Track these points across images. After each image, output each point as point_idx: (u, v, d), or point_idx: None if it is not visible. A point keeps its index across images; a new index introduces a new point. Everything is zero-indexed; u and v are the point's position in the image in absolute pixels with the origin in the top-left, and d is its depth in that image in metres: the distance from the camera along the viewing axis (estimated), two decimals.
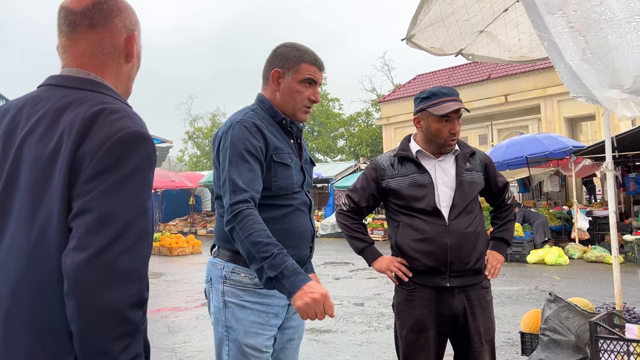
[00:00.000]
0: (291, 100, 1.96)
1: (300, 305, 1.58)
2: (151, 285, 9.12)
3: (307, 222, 2.01)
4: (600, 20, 1.64)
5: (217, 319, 1.91)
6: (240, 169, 1.78)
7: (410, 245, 2.34)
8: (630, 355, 2.18)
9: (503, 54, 4.11)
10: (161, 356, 4.84)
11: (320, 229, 19.35)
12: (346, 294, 7.85)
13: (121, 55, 1.25)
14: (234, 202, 1.73)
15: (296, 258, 1.91)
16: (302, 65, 1.94)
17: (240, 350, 1.84)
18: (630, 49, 1.76)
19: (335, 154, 39.07)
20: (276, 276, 1.61)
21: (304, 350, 4.88)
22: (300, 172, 2.00)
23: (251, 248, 1.66)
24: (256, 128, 1.86)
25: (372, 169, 2.52)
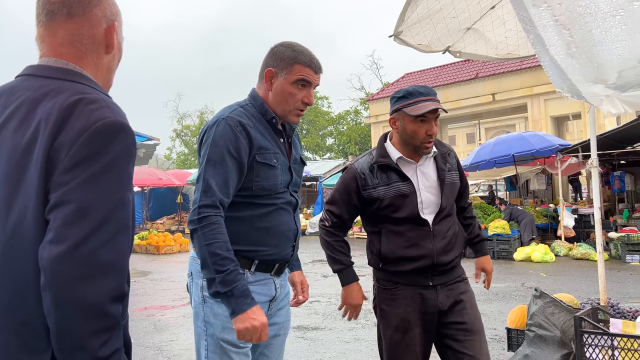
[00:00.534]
0: (283, 102, 1.91)
1: (240, 328, 1.68)
2: (138, 284, 9.06)
3: (291, 222, 1.98)
4: (584, 14, 1.64)
5: (196, 313, 1.91)
6: (217, 169, 1.78)
7: (396, 253, 2.27)
8: (615, 350, 2.20)
9: (490, 52, 4.13)
10: (147, 354, 4.80)
11: (309, 227, 19.32)
12: (334, 291, 7.85)
13: (101, 45, 1.21)
14: (202, 204, 1.74)
15: (277, 257, 1.93)
16: (296, 66, 1.88)
17: (217, 345, 1.84)
18: (615, 43, 1.76)
19: (324, 152, 39.07)
20: (225, 293, 1.68)
21: (291, 347, 4.87)
22: (287, 172, 1.97)
23: (208, 257, 1.69)
24: (241, 127, 1.83)
25: (351, 179, 2.34)
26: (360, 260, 3.72)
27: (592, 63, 1.95)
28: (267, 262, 1.92)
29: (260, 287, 1.91)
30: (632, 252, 10.23)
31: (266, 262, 1.91)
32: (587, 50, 1.84)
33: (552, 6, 1.61)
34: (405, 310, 2.27)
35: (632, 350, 2.16)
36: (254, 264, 1.89)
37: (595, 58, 1.90)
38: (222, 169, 1.78)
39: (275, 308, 2.02)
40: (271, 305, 1.99)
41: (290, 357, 4.59)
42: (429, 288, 2.28)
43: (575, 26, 1.71)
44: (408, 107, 2.23)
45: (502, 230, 11.34)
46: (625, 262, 10.11)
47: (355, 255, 3.13)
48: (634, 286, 7.64)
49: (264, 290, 1.93)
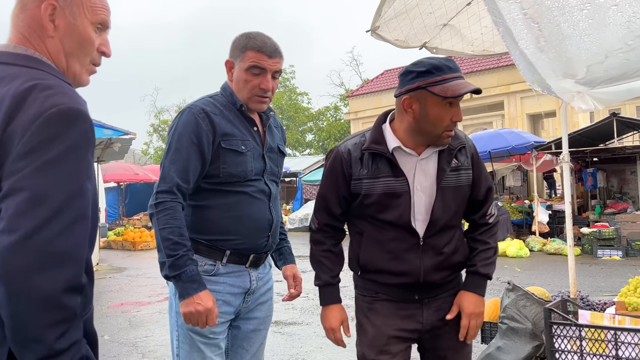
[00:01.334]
0: (241, 90, 1.91)
1: (184, 311, 1.72)
2: (113, 280, 8.94)
3: (264, 211, 1.94)
4: (553, 8, 1.67)
5: (170, 304, 1.93)
6: (176, 156, 1.80)
7: (376, 265, 1.87)
8: (583, 340, 2.25)
9: (466, 48, 4.17)
10: (121, 351, 4.74)
11: (288, 223, 19.31)
12: (312, 286, 7.84)
13: (43, 28, 1.14)
14: (160, 190, 1.78)
15: (249, 247, 1.91)
16: (247, 52, 1.87)
17: (187, 335, 1.85)
18: (582, 37, 1.80)
19: (303, 148, 39.04)
20: (174, 276, 1.72)
21: (267, 342, 4.84)
22: (260, 160, 1.94)
23: (161, 241, 1.73)
24: (204, 114, 1.84)
25: (336, 163, 1.88)
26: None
27: (561, 57, 1.98)
28: (240, 253, 1.90)
29: (233, 279, 1.90)
30: (603, 247, 10.48)
31: (239, 252, 1.90)
32: (556, 45, 1.87)
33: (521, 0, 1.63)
34: (383, 323, 1.88)
35: (599, 340, 2.21)
36: (226, 254, 1.88)
37: (564, 52, 1.93)
38: (181, 156, 1.79)
39: (255, 302, 2.01)
40: (247, 298, 1.97)
41: (266, 352, 4.58)
42: (413, 302, 1.89)
43: (543, 20, 1.74)
44: (436, 85, 1.71)
45: None
46: (597, 257, 10.35)
47: None
48: (604, 280, 7.84)
49: (236, 282, 1.91)
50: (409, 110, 1.78)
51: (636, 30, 1.72)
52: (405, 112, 1.79)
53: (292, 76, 41.34)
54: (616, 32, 1.76)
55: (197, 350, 1.85)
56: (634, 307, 3.06)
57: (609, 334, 2.18)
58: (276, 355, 4.47)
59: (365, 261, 1.90)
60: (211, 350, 1.87)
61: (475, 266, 1.91)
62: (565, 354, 2.30)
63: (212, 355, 1.87)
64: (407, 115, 1.79)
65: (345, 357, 4.34)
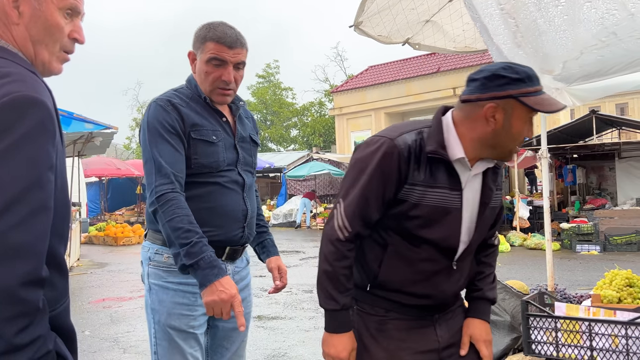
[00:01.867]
0: (203, 82, 1.87)
1: (208, 300, 1.63)
2: (95, 275, 8.85)
3: (239, 201, 1.91)
4: (529, 3, 1.70)
5: (146, 301, 1.88)
6: (162, 148, 1.76)
7: (398, 284, 1.61)
8: (558, 332, 2.30)
9: (448, 44, 4.21)
10: (102, 346, 4.71)
11: (272, 219, 19.29)
12: (296, 281, 7.88)
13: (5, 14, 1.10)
14: (158, 183, 1.73)
15: (223, 238, 1.86)
16: (207, 44, 1.82)
17: (164, 332, 1.80)
18: (558, 33, 1.82)
19: (288, 144, 38.98)
20: (191, 265, 1.63)
21: (250, 337, 4.84)
22: (232, 150, 1.91)
23: (171, 233, 1.67)
24: (171, 105, 1.82)
25: (391, 158, 1.53)
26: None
27: (537, 53, 2.01)
28: (215, 245, 1.81)
29: None
30: (582, 242, 10.69)
31: (214, 244, 1.80)
32: (533, 40, 1.90)
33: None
34: (398, 348, 1.62)
35: (574, 331, 2.26)
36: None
37: (541, 48, 1.96)
38: (166, 147, 1.76)
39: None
40: None
41: (248, 346, 4.59)
42: (426, 318, 1.67)
43: (520, 15, 1.76)
44: (529, 96, 1.49)
45: None
46: (576, 251, 10.55)
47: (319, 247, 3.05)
48: (582, 274, 7.99)
49: None
50: (491, 120, 1.53)
51: (610, 27, 1.76)
52: (485, 121, 1.54)
53: (276, 71, 41.22)
54: (590, 28, 1.79)
55: (176, 347, 1.80)
56: (609, 299, 3.13)
57: (584, 325, 2.24)
58: (259, 350, 4.48)
59: (385, 279, 1.62)
60: (190, 345, 1.82)
61: (481, 291, 1.76)
62: (541, 345, 2.35)
63: (192, 350, 1.82)
64: (487, 124, 1.54)
65: None
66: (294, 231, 17.27)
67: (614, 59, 2.05)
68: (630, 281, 3.27)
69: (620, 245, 10.35)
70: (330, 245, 1.57)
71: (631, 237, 10.38)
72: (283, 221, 19.02)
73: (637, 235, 10.37)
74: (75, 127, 8.75)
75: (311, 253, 11.18)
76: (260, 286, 7.55)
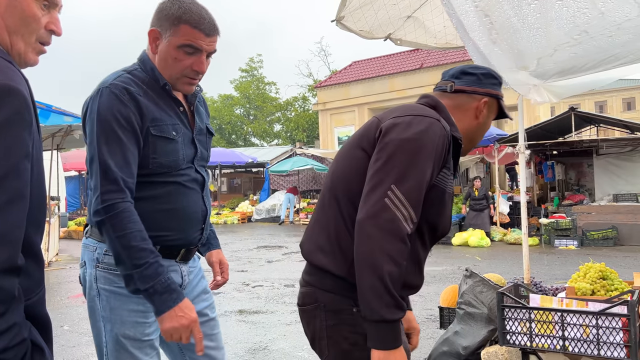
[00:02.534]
0: (168, 68, 1.65)
1: (167, 327, 1.50)
2: (74, 270, 8.75)
3: (198, 202, 1.75)
4: (503, 2, 1.73)
5: (91, 308, 1.67)
6: (112, 147, 1.53)
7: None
8: (532, 322, 2.35)
9: (429, 40, 4.24)
10: (81, 341, 4.67)
11: (255, 214, 19.26)
12: (278, 275, 7.90)
13: None
14: (105, 190, 1.51)
15: (183, 242, 1.73)
16: (182, 27, 1.59)
17: (117, 342, 1.62)
18: (532, 30, 1.86)
19: (271, 139, 38.88)
20: (146, 289, 1.48)
21: (231, 330, 4.88)
22: (191, 145, 1.73)
23: (122, 251, 1.49)
24: (129, 95, 1.57)
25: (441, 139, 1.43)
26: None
27: (512, 50, 2.05)
28: (171, 248, 1.71)
29: None
30: (560, 237, 10.89)
31: (169, 248, 1.70)
32: (508, 37, 1.93)
33: None
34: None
35: (547, 322, 2.31)
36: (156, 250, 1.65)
37: (516, 44, 2.00)
38: (117, 146, 1.54)
39: (190, 295, 1.81)
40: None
41: (230, 339, 4.60)
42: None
43: (495, 13, 1.79)
44: (502, 100, 1.65)
45: None
46: (554, 246, 10.74)
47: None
48: (560, 268, 8.14)
49: None
50: (480, 114, 1.60)
51: (581, 25, 1.80)
52: (474, 113, 1.60)
53: (260, 65, 41.02)
54: (563, 26, 1.83)
55: (130, 356, 1.63)
56: (583, 292, 3.21)
57: (556, 315, 2.29)
58: (240, 344, 4.49)
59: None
60: (146, 353, 1.66)
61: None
62: (515, 335, 2.40)
63: (148, 358, 1.67)
64: (475, 117, 1.60)
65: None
66: (277, 226, 17.28)
67: (587, 56, 2.10)
68: (603, 274, 3.36)
69: (597, 240, 10.57)
70: (398, 242, 1.33)
71: (607, 232, 10.60)
72: (266, 216, 19.00)
73: (613, 230, 10.60)
74: (54, 120, 8.62)
75: (294, 248, 11.20)
76: (242, 281, 7.55)
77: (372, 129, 1.49)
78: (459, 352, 3.40)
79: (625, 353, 2.14)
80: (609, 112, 49.56)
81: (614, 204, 11.42)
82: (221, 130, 38.09)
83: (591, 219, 11.05)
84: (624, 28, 1.76)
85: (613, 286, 3.27)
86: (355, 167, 1.47)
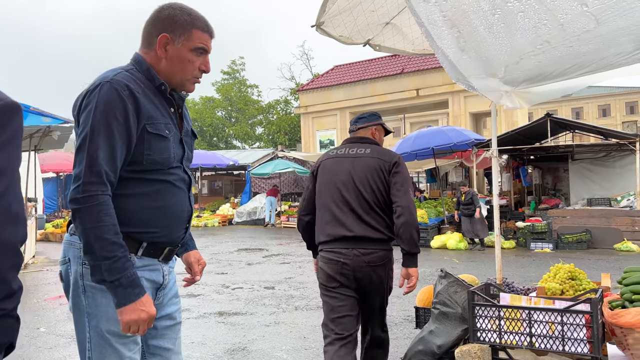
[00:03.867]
0: (180, 70, 1.76)
1: (127, 319, 1.57)
2: (52, 273, 8.65)
3: (185, 201, 1.82)
4: (469, 12, 1.81)
5: (75, 304, 1.70)
6: (103, 140, 1.59)
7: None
8: (501, 320, 2.44)
9: (407, 46, 4.34)
10: (59, 342, 4.64)
11: (236, 217, 19.19)
12: (258, 278, 7.92)
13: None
14: (88, 181, 1.57)
15: (167, 240, 1.78)
16: (194, 32, 1.74)
17: (101, 337, 1.67)
18: (498, 40, 1.95)
19: (253, 141, 38.78)
20: (112, 282, 1.55)
21: (210, 332, 4.89)
22: (180, 145, 1.81)
23: (94, 242, 1.55)
24: (129, 91, 1.64)
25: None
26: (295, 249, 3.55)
27: (480, 57, 2.13)
28: (156, 246, 1.76)
29: (149, 272, 1.75)
30: (536, 240, 11.11)
31: (155, 245, 1.76)
32: (475, 46, 2.02)
33: (439, 2, 1.75)
34: None
35: (515, 319, 2.41)
36: (142, 247, 1.72)
37: (483, 52, 2.08)
38: (108, 140, 1.60)
39: (166, 297, 1.86)
40: (159, 294, 1.82)
41: (209, 340, 4.61)
42: None
43: (462, 22, 1.87)
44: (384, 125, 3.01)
45: (421, 219, 11.88)
46: (530, 249, 10.97)
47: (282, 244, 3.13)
48: (535, 270, 8.32)
49: (152, 276, 1.77)
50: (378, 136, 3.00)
51: (543, 35, 1.89)
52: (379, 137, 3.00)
53: (242, 68, 40.92)
54: (526, 36, 1.92)
55: (114, 352, 1.67)
56: (553, 291, 3.32)
57: (524, 313, 2.38)
58: (219, 344, 4.51)
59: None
60: (129, 348, 1.70)
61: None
62: (486, 332, 2.48)
63: (131, 354, 1.71)
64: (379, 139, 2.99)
65: (287, 344, 4.44)
66: (258, 229, 17.26)
67: (552, 65, 2.20)
68: (572, 274, 3.48)
69: (572, 243, 10.82)
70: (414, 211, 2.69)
71: (581, 235, 10.85)
72: (247, 219, 18.96)
73: (586, 233, 10.86)
74: (31, 121, 8.50)
75: (274, 251, 11.22)
76: (221, 283, 7.55)
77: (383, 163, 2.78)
78: (434, 350, 3.48)
79: (589, 348, 2.24)
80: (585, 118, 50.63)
81: (588, 208, 11.70)
82: (202, 132, 37.87)
83: (566, 223, 11.29)
84: (583, 39, 1.86)
85: (581, 286, 3.39)
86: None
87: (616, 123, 49.01)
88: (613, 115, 52.30)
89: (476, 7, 1.75)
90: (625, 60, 2.23)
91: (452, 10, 1.77)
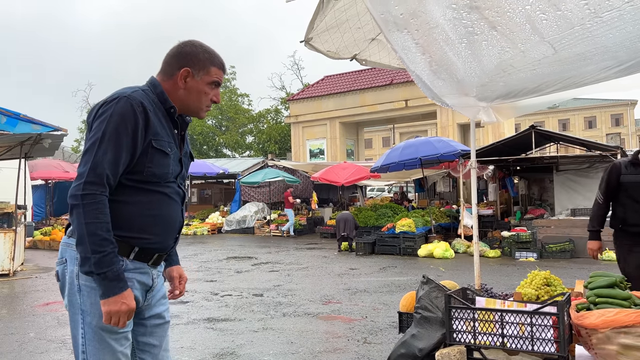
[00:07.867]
0: (196, 100, 2.00)
1: (109, 310, 1.72)
2: (40, 280, 8.68)
3: (178, 213, 2.00)
4: (439, 40, 1.97)
5: (71, 302, 1.85)
6: (110, 147, 1.77)
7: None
8: (476, 322, 2.59)
9: (392, 61, 4.51)
10: (50, 347, 4.71)
11: (225, 225, 19.22)
12: (246, 285, 8.01)
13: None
14: (89, 181, 1.74)
15: (159, 246, 1.94)
16: (212, 69, 1.99)
17: (95, 333, 1.81)
18: (467, 64, 2.11)
19: (243, 150, 38.86)
20: (99, 274, 1.70)
21: (199, 337, 4.99)
22: (178, 164, 2.00)
23: (87, 236, 1.70)
24: (142, 108, 1.83)
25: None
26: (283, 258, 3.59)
27: (452, 79, 2.30)
28: (147, 251, 1.91)
29: (139, 275, 1.90)
30: (520, 250, 11.31)
31: (146, 250, 1.90)
32: (447, 69, 2.18)
33: (412, 31, 1.91)
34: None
35: (488, 321, 2.56)
36: (134, 251, 1.87)
37: (455, 75, 2.24)
38: (115, 147, 1.77)
39: (154, 298, 2.01)
40: (148, 296, 1.97)
41: (197, 345, 4.71)
42: None
43: (433, 49, 2.03)
44: None
45: (408, 228, 12.06)
46: (515, 258, 11.15)
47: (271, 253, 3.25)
48: (518, 279, 8.48)
49: (142, 278, 1.91)
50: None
51: (507, 60, 2.05)
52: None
53: (232, 77, 41.09)
54: (492, 61, 2.08)
55: (107, 347, 1.81)
56: (529, 297, 3.48)
57: (497, 315, 2.54)
58: (207, 349, 4.61)
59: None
60: (121, 344, 1.84)
61: None
62: (461, 333, 2.63)
63: (123, 348, 1.85)
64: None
65: (275, 348, 4.56)
66: (247, 237, 17.32)
67: (519, 85, 2.36)
68: (547, 281, 3.64)
69: (556, 253, 11.03)
70: None
71: (565, 245, 11.07)
72: (236, 227, 19.01)
73: (570, 243, 11.08)
74: (21, 128, 8.58)
75: (263, 259, 11.32)
76: (210, 290, 7.63)
77: None
78: (415, 353, 3.62)
79: (555, 348, 2.40)
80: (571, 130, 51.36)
81: (571, 218, 11.93)
82: (192, 140, 37.89)
83: (550, 232, 11.51)
84: (543, 64, 2.02)
85: (556, 291, 3.56)
86: None
87: (602, 134, 49.83)
88: (599, 127, 53.14)
89: (445, 36, 1.90)
90: (590, 79, 2.40)
91: (424, 38, 1.93)
